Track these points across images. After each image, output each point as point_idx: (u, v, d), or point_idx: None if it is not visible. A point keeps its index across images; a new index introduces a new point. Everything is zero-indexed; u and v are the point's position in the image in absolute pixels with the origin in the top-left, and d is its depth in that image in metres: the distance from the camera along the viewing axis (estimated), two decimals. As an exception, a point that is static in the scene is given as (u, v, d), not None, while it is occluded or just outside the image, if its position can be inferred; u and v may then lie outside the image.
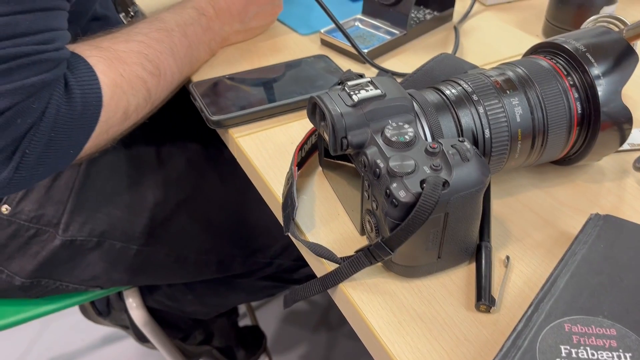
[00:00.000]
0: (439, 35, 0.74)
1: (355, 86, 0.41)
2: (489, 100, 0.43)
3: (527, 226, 0.45)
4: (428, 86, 0.49)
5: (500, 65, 0.48)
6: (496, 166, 0.45)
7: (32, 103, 0.44)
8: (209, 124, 0.56)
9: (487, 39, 0.73)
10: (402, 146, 0.38)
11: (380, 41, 0.69)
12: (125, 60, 0.52)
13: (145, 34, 0.56)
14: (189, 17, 0.61)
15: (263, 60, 0.68)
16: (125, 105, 0.52)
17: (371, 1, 0.72)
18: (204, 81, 0.61)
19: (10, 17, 0.42)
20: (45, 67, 0.44)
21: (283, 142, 0.55)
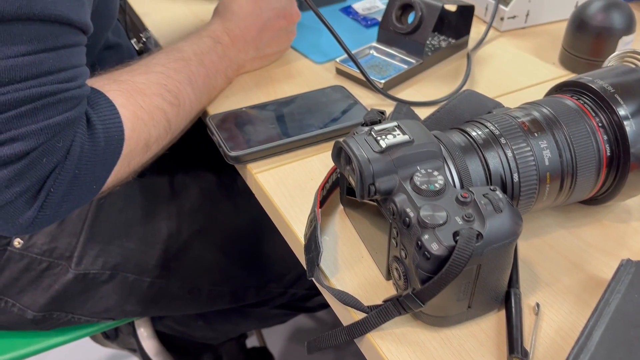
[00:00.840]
0: (455, 63, 0.73)
1: (382, 131, 0.41)
2: (517, 143, 0.43)
3: (555, 270, 0.45)
4: (452, 126, 0.48)
5: (525, 105, 0.47)
6: (524, 209, 0.44)
7: (57, 142, 0.43)
8: (227, 160, 0.55)
9: (503, 67, 0.72)
10: (432, 194, 0.37)
11: (396, 71, 0.68)
12: (144, 92, 0.52)
13: (163, 64, 0.56)
14: (206, 46, 0.61)
15: (278, 88, 0.68)
16: (147, 137, 0.51)
17: (386, 29, 0.72)
18: (220, 114, 0.60)
19: (35, 56, 0.42)
20: (69, 105, 0.44)
21: (302, 179, 0.54)
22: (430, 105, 0.65)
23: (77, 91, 0.45)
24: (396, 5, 0.70)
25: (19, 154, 0.41)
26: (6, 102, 0.40)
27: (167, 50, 0.58)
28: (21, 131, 0.41)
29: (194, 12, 0.86)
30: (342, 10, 0.86)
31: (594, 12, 0.68)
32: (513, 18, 0.80)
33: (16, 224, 0.44)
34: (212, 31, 0.63)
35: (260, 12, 0.66)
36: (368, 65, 0.70)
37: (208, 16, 0.84)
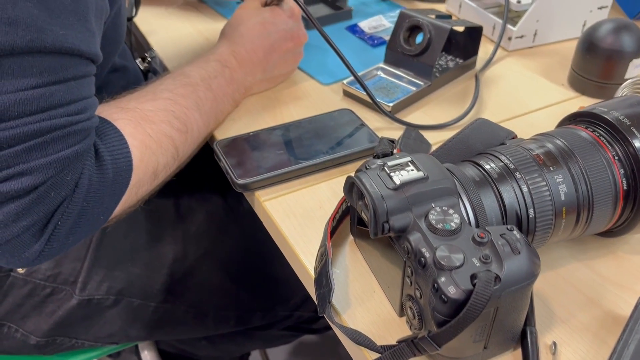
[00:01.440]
0: (463, 85, 0.73)
1: (396, 166, 0.40)
2: (532, 178, 0.42)
3: (571, 305, 0.44)
4: (465, 157, 0.47)
5: (538, 136, 0.47)
6: (539, 243, 0.43)
7: (65, 176, 0.42)
8: (235, 187, 0.55)
9: (512, 89, 0.71)
10: (448, 234, 0.37)
11: (404, 93, 0.68)
12: (152, 119, 0.51)
13: (170, 90, 0.55)
14: (213, 70, 0.60)
15: (285, 111, 0.67)
16: (155, 165, 0.51)
17: (394, 50, 0.71)
18: (227, 139, 0.60)
19: (45, 89, 0.41)
20: (78, 137, 0.43)
21: (311, 207, 0.53)
22: (439, 128, 0.64)
23: (86, 123, 0.44)
24: (404, 26, 0.70)
25: (27, 188, 0.41)
26: (15, 135, 0.40)
27: (174, 74, 0.58)
28: (30, 165, 0.40)
29: (199, 30, 0.85)
30: (348, 28, 0.85)
31: (603, 34, 0.67)
32: (521, 38, 0.79)
33: (22, 257, 0.43)
34: (220, 54, 0.62)
35: (267, 34, 0.65)
36: (375, 87, 0.70)
37: (213, 35, 0.84)
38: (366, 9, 0.91)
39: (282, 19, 0.66)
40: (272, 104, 0.68)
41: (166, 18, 0.89)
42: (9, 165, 0.40)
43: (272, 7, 0.68)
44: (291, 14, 0.67)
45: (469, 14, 0.86)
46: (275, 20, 0.66)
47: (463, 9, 0.88)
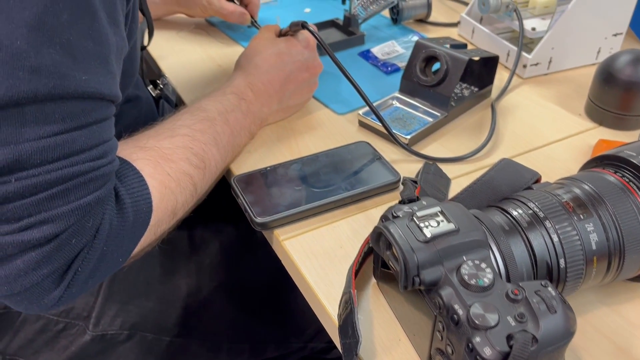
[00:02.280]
0: (479, 114, 0.72)
1: (425, 217, 0.39)
2: (563, 227, 0.41)
3: (600, 355, 0.43)
4: (490, 200, 0.47)
5: (565, 181, 0.46)
6: (569, 292, 0.42)
7: (86, 222, 0.42)
8: (253, 226, 0.54)
9: (528, 119, 0.71)
10: (481, 290, 0.36)
11: (421, 125, 0.67)
12: (171, 158, 0.50)
13: (188, 125, 0.55)
14: (230, 104, 0.60)
15: (300, 142, 0.66)
16: (174, 205, 0.50)
17: (409, 80, 0.71)
18: (245, 174, 0.59)
19: (67, 135, 0.40)
20: (100, 183, 0.42)
21: (332, 246, 0.52)
22: (457, 161, 0.63)
23: (108, 168, 0.43)
24: (420, 57, 0.69)
25: (48, 236, 0.40)
26: (37, 184, 0.39)
27: (191, 109, 0.57)
28: (51, 213, 0.40)
29: (211, 56, 0.85)
30: (361, 54, 0.85)
31: (622, 65, 0.66)
32: (536, 65, 0.79)
33: (41, 303, 0.43)
34: (236, 87, 0.61)
35: (283, 65, 0.65)
36: (392, 118, 0.69)
37: (225, 60, 0.83)
38: (378, 33, 0.91)
39: (297, 49, 0.66)
40: (288, 135, 0.68)
41: (177, 42, 0.89)
42: (31, 213, 0.39)
43: (288, 37, 0.67)
44: (306, 44, 0.67)
45: (481, 39, 0.86)
46: (290, 50, 0.66)
47: (476, 34, 0.87)
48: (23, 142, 0.38)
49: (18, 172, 0.38)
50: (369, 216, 0.56)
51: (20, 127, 0.38)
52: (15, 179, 0.38)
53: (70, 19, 0.39)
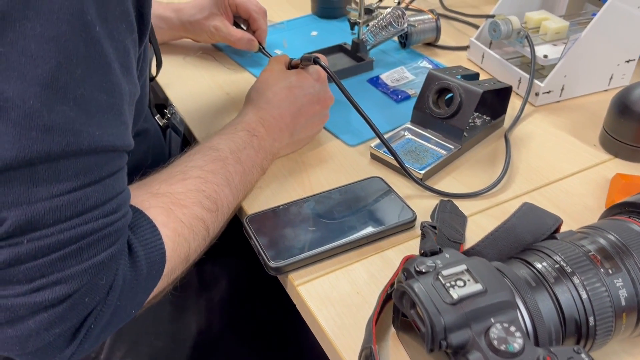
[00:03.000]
0: (492, 145, 0.71)
1: (451, 276, 0.38)
2: (592, 284, 0.40)
3: (630, 411, 0.42)
4: (512, 248, 0.46)
5: (588, 230, 0.45)
6: (598, 347, 0.41)
7: (99, 280, 0.40)
8: (267, 270, 0.53)
9: (542, 150, 0.70)
10: (510, 356, 0.35)
11: (434, 159, 0.66)
12: (183, 203, 0.49)
13: (200, 167, 0.54)
14: (242, 141, 0.59)
15: (312, 176, 0.65)
16: (187, 251, 0.49)
17: (422, 111, 0.70)
18: (257, 214, 0.58)
19: (81, 192, 0.39)
20: (114, 238, 0.41)
21: (348, 292, 0.51)
22: (473, 197, 0.62)
23: (121, 222, 0.42)
24: (433, 89, 0.68)
25: (61, 297, 0.39)
26: (50, 244, 0.38)
27: (203, 149, 0.56)
28: (64, 274, 0.38)
29: (219, 83, 0.84)
30: (370, 81, 0.84)
31: (637, 97, 0.65)
32: (548, 93, 0.78)
33: None
34: (247, 123, 0.60)
35: (294, 99, 0.64)
36: (404, 150, 0.68)
37: (233, 88, 0.82)
38: (387, 58, 0.90)
39: (308, 82, 0.65)
40: (299, 168, 0.67)
41: (184, 68, 0.88)
42: (43, 274, 0.38)
43: (298, 70, 0.66)
44: (318, 76, 0.66)
45: (492, 65, 0.85)
46: (301, 84, 0.64)
47: (486, 60, 0.86)
48: (35, 202, 0.37)
49: (30, 233, 0.37)
50: (384, 258, 0.55)
51: (32, 186, 0.37)
52: (27, 240, 0.37)
53: (84, 73, 0.38)
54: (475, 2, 1.10)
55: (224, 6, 0.85)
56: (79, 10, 0.37)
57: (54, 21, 0.36)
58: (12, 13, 0.35)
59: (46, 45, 0.36)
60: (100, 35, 0.39)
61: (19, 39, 0.35)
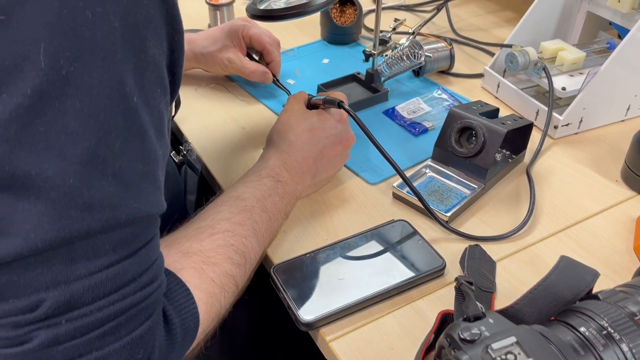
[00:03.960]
0: (514, 182, 0.70)
1: (501, 349, 0.37)
2: (638, 347, 0.39)
3: None
4: (552, 307, 0.45)
5: (628, 289, 0.44)
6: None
7: (137, 354, 0.39)
8: (298, 326, 0.52)
9: (565, 187, 0.69)
10: None
11: (458, 199, 0.65)
12: (214, 261, 0.48)
13: (228, 219, 0.53)
14: (267, 188, 0.58)
15: (334, 217, 0.64)
16: (218, 310, 0.48)
17: (443, 149, 0.69)
18: (284, 264, 0.57)
19: (119, 266, 0.38)
20: (150, 311, 0.40)
21: (382, 348, 0.50)
22: (500, 240, 0.61)
23: (157, 293, 0.41)
24: (455, 127, 0.67)
25: None
26: (89, 323, 0.37)
27: (229, 199, 0.55)
28: (103, 352, 0.37)
29: (233, 117, 0.82)
30: (386, 113, 0.83)
31: (661, 135, 0.65)
32: (567, 125, 0.77)
33: None
34: (271, 168, 0.59)
35: (317, 140, 0.63)
36: (427, 190, 0.67)
37: (247, 121, 0.81)
38: (400, 87, 0.89)
39: (330, 123, 0.64)
40: (321, 209, 0.66)
41: (197, 100, 0.86)
42: (81, 354, 0.37)
43: (319, 110, 0.66)
44: (339, 117, 0.65)
45: (507, 95, 0.85)
46: (323, 125, 0.64)
47: (501, 89, 0.86)
48: (74, 281, 0.36)
49: (69, 312, 0.36)
50: (416, 309, 0.54)
51: (70, 264, 0.36)
52: (65, 320, 0.36)
53: (122, 145, 0.37)
54: (485, 25, 1.10)
55: (238, 38, 0.84)
56: (118, 83, 0.36)
57: (93, 96, 0.35)
58: (52, 91, 0.34)
59: (86, 122, 0.35)
60: (137, 104, 0.38)
61: (59, 116, 0.34)
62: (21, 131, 0.34)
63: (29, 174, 0.34)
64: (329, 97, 0.64)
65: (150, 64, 0.39)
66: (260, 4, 0.72)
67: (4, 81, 0.33)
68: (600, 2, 0.84)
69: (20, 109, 0.33)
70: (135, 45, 0.38)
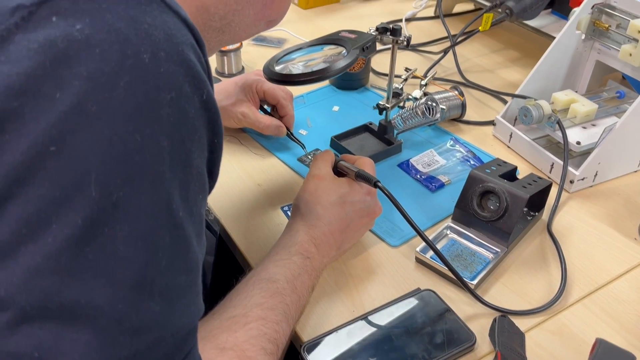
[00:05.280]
0: (535, 241, 0.70)
1: None
2: None
3: None
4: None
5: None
6: None
7: None
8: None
9: (585, 247, 0.69)
10: None
11: (483, 264, 0.65)
12: (249, 354, 0.48)
13: (260, 304, 0.52)
14: (296, 267, 0.57)
15: (360, 286, 0.64)
16: None
17: (464, 211, 0.69)
18: (314, 342, 0.56)
19: None
20: None
21: None
22: (532, 314, 0.61)
23: None
24: (477, 191, 0.68)
25: None
26: None
27: (261, 281, 0.54)
28: None
29: (249, 172, 0.82)
30: (401, 166, 0.83)
31: (681, 196, 0.66)
32: (582, 180, 0.78)
33: None
34: (300, 245, 0.59)
35: (345, 214, 0.62)
36: (450, 255, 0.67)
37: (263, 177, 0.81)
38: (413, 137, 0.89)
39: (360, 196, 0.64)
40: (345, 279, 0.65)
41: (209, 154, 0.86)
42: None
43: (348, 180, 0.64)
44: (368, 190, 0.65)
45: (521, 146, 0.85)
46: (353, 198, 0.63)
47: (514, 140, 0.86)
48: None
49: None
50: (449, 388, 0.54)
51: None
52: None
53: (168, 262, 0.36)
54: (491, 66, 1.11)
55: (252, 92, 0.83)
56: (166, 202, 0.36)
57: (142, 219, 0.35)
58: (102, 218, 0.33)
59: (134, 245, 0.34)
60: (182, 218, 0.37)
61: (108, 243, 0.34)
62: (71, 262, 0.33)
63: (78, 303, 0.33)
64: (362, 172, 0.63)
65: (194, 175, 0.39)
66: (277, 65, 0.71)
67: (55, 212, 0.32)
68: (610, 53, 0.85)
69: (71, 239, 0.33)
70: (182, 160, 0.37)
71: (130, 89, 0.34)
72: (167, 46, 0.36)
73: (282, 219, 0.74)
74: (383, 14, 1.31)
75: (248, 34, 0.59)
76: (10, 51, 0.32)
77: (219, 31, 0.55)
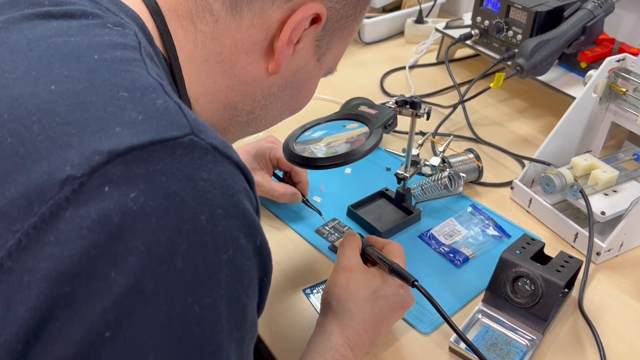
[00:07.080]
0: (568, 322, 0.68)
1: None
2: None
3: None
4: None
5: None
6: None
7: None
8: None
9: (618, 327, 0.68)
10: None
11: (520, 355, 0.63)
12: None
13: None
14: None
15: (391, 379, 0.61)
16: None
17: (496, 295, 0.67)
18: None
19: None
20: None
21: None
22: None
23: None
24: (510, 276, 0.65)
25: None
26: None
27: None
28: None
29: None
30: (421, 237, 0.81)
31: None
32: (609, 251, 0.76)
33: None
34: (336, 350, 0.56)
35: (379, 310, 0.60)
36: (485, 344, 0.65)
37: (280, 254, 0.78)
38: (430, 203, 0.87)
39: (393, 290, 0.61)
40: (378, 373, 0.62)
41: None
42: None
43: (381, 273, 0.62)
44: (402, 282, 0.62)
45: (542, 213, 0.83)
46: (386, 292, 0.60)
47: (534, 205, 0.84)
48: None
49: None
50: None
51: None
52: None
53: None
54: (499, 118, 1.09)
55: (265, 160, 0.81)
56: None
57: None
58: None
59: None
60: None
61: None
62: None
63: None
64: (398, 269, 0.60)
65: (249, 328, 0.36)
66: (297, 145, 0.69)
67: None
68: (625, 115, 0.85)
69: None
70: (239, 320, 0.34)
71: (188, 257, 0.31)
72: (223, 201, 0.33)
73: (305, 303, 0.71)
74: (385, 61, 1.29)
75: (272, 124, 0.57)
76: (61, 230, 0.29)
77: (245, 124, 0.53)
